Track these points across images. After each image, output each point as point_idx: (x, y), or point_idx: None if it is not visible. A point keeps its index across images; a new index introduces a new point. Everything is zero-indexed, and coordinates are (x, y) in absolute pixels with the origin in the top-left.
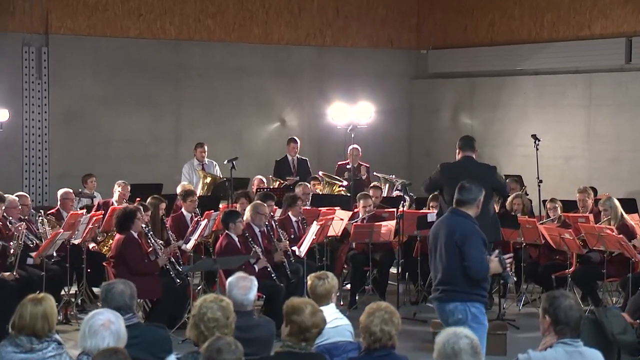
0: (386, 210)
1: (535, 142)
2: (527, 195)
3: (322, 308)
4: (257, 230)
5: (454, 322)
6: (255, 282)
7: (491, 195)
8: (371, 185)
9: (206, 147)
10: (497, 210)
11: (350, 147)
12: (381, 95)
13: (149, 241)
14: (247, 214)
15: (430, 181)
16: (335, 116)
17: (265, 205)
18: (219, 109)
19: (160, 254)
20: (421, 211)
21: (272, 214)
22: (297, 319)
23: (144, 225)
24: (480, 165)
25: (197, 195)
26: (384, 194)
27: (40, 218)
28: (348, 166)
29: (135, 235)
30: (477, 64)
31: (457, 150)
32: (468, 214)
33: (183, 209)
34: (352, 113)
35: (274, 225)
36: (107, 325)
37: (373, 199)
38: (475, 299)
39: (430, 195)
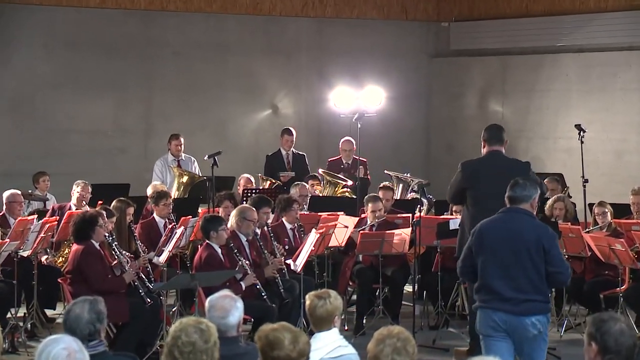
0: (399, 215)
1: (579, 134)
2: (570, 197)
3: (322, 334)
4: (244, 239)
5: (529, 337)
6: (241, 303)
7: None
8: (381, 185)
9: (182, 140)
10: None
11: (342, 140)
12: (393, 78)
13: (114, 253)
14: (232, 220)
15: (451, 188)
16: (338, 103)
17: (254, 209)
18: (198, 94)
19: (127, 268)
20: (442, 217)
21: (266, 222)
22: (281, 355)
23: (107, 234)
24: (510, 162)
25: (172, 197)
26: (397, 196)
27: None
28: (343, 164)
29: (97, 245)
30: (510, 39)
31: (482, 144)
32: (532, 212)
33: (155, 214)
34: (358, 99)
35: (268, 235)
36: (73, 356)
37: (384, 202)
38: (550, 310)
39: None
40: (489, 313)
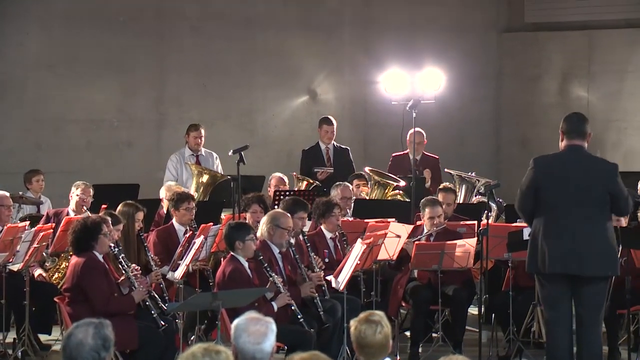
0: (463, 223)
1: None
2: None
3: None
4: (276, 251)
5: None
6: (274, 327)
7: (607, 205)
8: (441, 187)
9: (203, 131)
10: (625, 225)
11: (411, 131)
12: (456, 57)
13: (120, 267)
14: (261, 228)
15: (520, 192)
16: (389, 87)
17: (289, 215)
18: (220, 77)
19: (137, 285)
20: (514, 224)
21: (301, 229)
22: None
23: (112, 245)
24: (592, 161)
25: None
26: (460, 200)
27: None
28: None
29: (101, 258)
30: (598, 9)
31: (560, 136)
32: None
33: (174, 220)
34: (413, 83)
35: (305, 245)
36: None
37: (444, 206)
38: None
39: None
40: None
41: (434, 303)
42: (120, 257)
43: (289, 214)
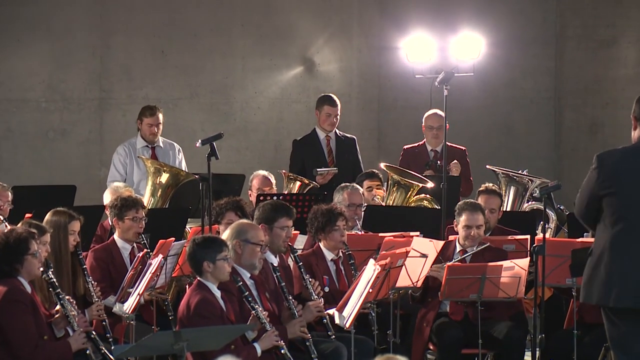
0: (511, 238)
1: None
2: None
3: None
4: (246, 276)
5: None
6: None
7: None
8: (482, 188)
9: (160, 116)
10: None
11: (427, 114)
12: (500, 17)
13: (57, 298)
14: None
15: (581, 199)
16: (412, 55)
17: (259, 227)
18: (183, 42)
19: (75, 322)
20: (580, 240)
21: (286, 240)
22: None
23: (41, 268)
24: None
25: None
26: (507, 207)
27: None
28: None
29: (27, 286)
30: None
31: (633, 124)
32: None
33: (116, 235)
34: (444, 50)
35: (297, 266)
36: None
37: (486, 213)
38: None
39: None
40: None
41: (471, 345)
42: (51, 282)
43: (259, 225)
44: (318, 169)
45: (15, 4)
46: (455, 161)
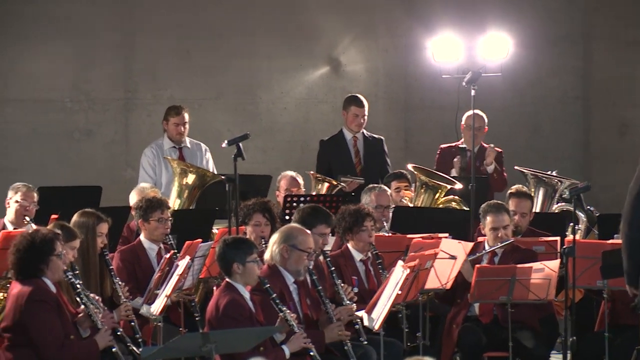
0: (541, 239)
1: None
2: None
3: None
4: (290, 280)
5: None
6: None
7: None
8: (513, 190)
9: (186, 116)
10: None
11: (468, 113)
12: (527, 17)
13: (78, 298)
14: (271, 250)
15: (632, 200)
16: (439, 55)
17: (309, 232)
18: (208, 42)
19: (100, 322)
20: (610, 241)
21: (322, 247)
22: None
23: (67, 269)
24: None
25: (171, 208)
26: (537, 208)
27: None
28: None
29: (52, 287)
30: None
31: None
32: None
33: (142, 236)
34: (471, 50)
35: (328, 271)
36: None
37: (517, 216)
38: None
39: None
40: None
41: (500, 348)
42: (78, 284)
43: (309, 232)
44: (342, 177)
45: (41, 3)
46: (492, 145)
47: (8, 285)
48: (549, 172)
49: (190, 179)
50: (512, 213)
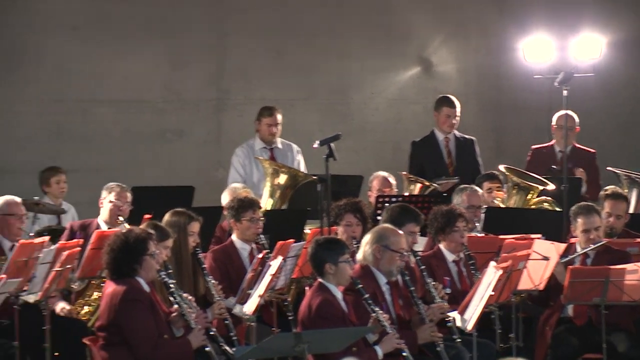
0: (636, 240)
1: None
2: None
3: None
4: (382, 281)
5: None
6: None
7: None
8: (608, 192)
9: (279, 117)
10: None
11: (559, 113)
12: (619, 18)
13: (172, 298)
14: (364, 250)
15: None
16: (530, 56)
17: (403, 234)
18: (298, 42)
19: (194, 322)
20: None
21: (411, 246)
22: None
23: (160, 268)
24: None
25: (263, 208)
26: (632, 209)
27: None
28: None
29: (146, 286)
30: None
31: None
32: None
33: (234, 236)
34: (563, 50)
35: (419, 271)
36: None
37: (612, 218)
38: None
39: None
40: None
41: (593, 350)
42: (171, 284)
43: (401, 232)
44: (438, 180)
45: (133, 4)
46: (582, 170)
47: (102, 284)
48: None
49: (282, 179)
50: (607, 215)
